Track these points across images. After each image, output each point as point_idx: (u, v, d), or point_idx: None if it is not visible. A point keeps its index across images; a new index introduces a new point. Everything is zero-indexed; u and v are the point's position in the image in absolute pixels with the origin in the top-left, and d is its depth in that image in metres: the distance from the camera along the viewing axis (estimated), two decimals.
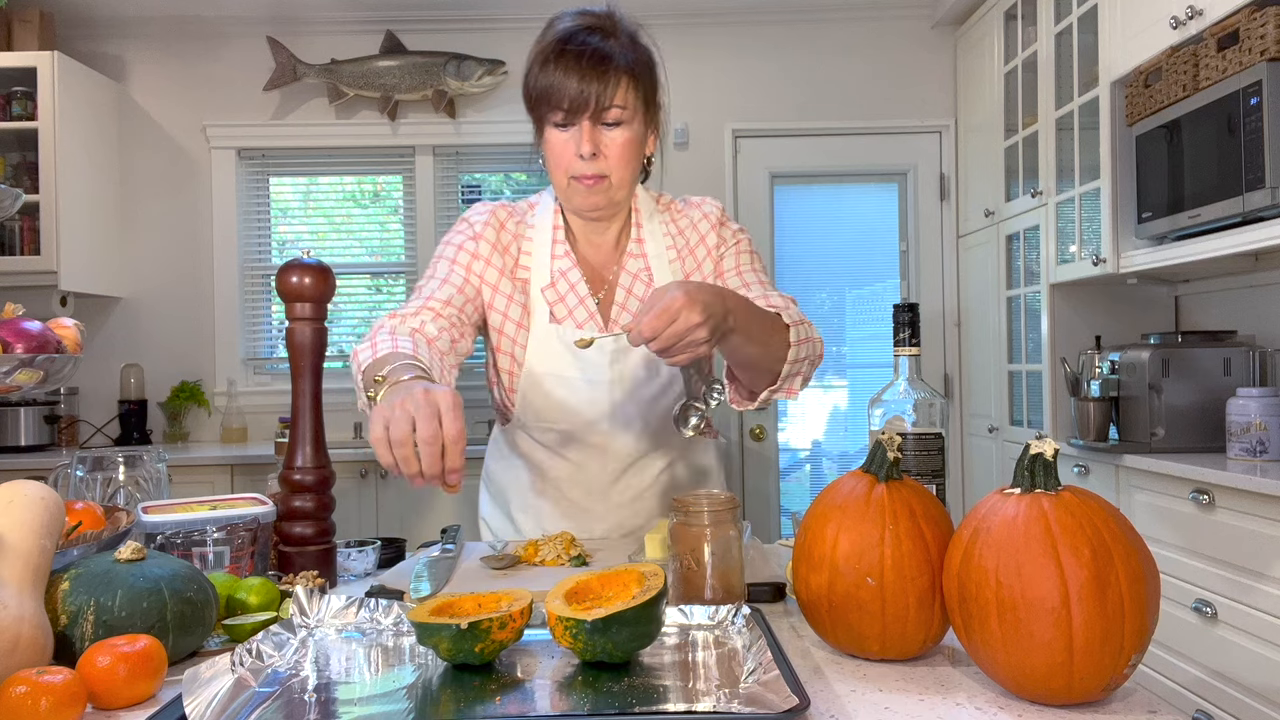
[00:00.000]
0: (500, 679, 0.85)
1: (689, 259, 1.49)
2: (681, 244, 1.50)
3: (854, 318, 4.31)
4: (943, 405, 1.17)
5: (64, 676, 0.78)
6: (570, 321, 1.45)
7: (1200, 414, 2.74)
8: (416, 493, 3.52)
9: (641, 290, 1.47)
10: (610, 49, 1.34)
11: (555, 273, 1.46)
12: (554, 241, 1.47)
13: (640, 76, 1.37)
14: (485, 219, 1.49)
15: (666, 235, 1.50)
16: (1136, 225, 2.88)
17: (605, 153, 1.37)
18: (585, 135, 1.35)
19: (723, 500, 1.07)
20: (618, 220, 1.49)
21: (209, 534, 1.15)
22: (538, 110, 1.39)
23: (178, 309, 4.16)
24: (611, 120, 1.35)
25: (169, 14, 4.12)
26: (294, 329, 1.28)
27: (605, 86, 1.33)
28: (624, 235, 1.50)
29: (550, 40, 1.37)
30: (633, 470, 1.52)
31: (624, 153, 1.37)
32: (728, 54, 4.22)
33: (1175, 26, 2.59)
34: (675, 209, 1.53)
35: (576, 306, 1.45)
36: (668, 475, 1.56)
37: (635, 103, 1.37)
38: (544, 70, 1.35)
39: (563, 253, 1.47)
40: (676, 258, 1.49)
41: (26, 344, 1.16)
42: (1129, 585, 0.78)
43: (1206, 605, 2.34)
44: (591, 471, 1.52)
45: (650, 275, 1.47)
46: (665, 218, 1.51)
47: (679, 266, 1.49)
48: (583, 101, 1.33)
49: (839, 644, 0.94)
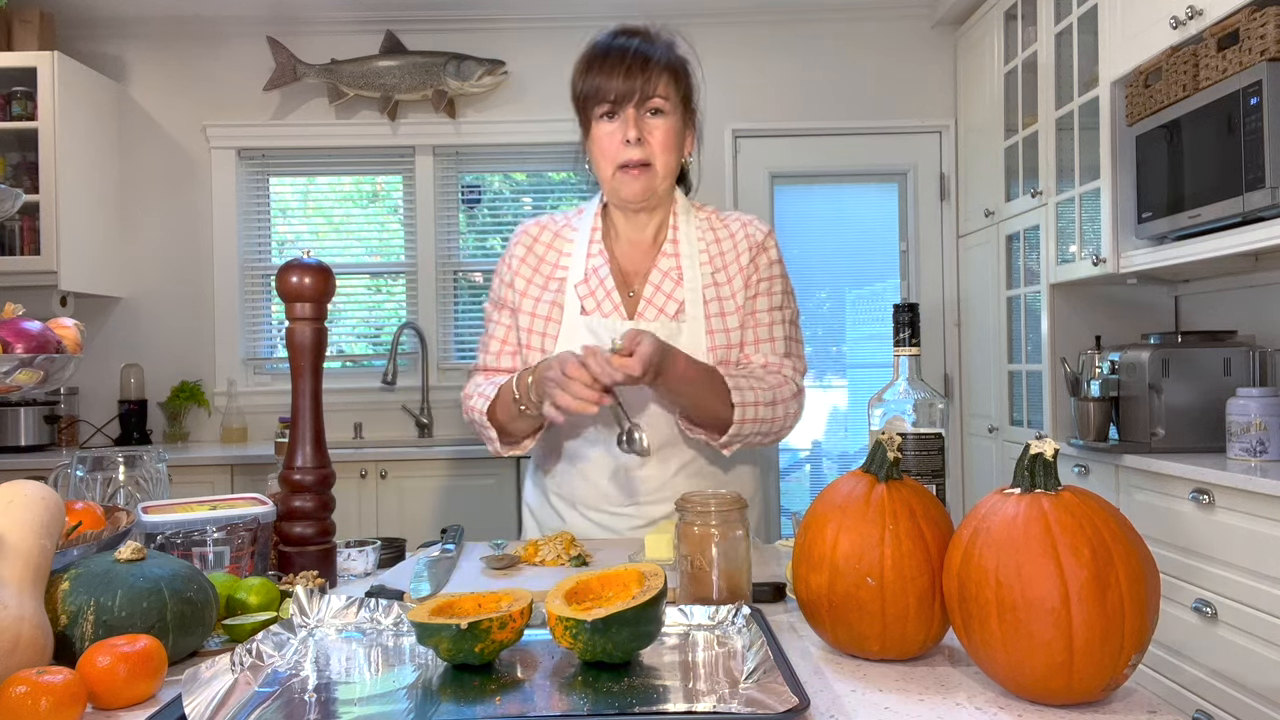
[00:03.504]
0: (500, 679, 0.86)
1: (720, 271, 1.56)
2: (715, 251, 1.57)
3: (854, 318, 4.31)
4: (943, 405, 1.17)
5: (64, 676, 0.78)
6: (598, 313, 1.54)
7: (1200, 414, 2.74)
8: (416, 493, 3.53)
9: (670, 287, 1.54)
10: (650, 50, 1.50)
11: (589, 270, 1.57)
12: (590, 241, 1.59)
13: (679, 74, 1.52)
14: (517, 239, 1.64)
15: (701, 240, 1.58)
16: (1136, 225, 2.88)
17: (649, 139, 1.49)
18: (631, 121, 1.48)
19: (730, 500, 1.07)
20: (656, 217, 1.58)
21: (209, 534, 1.15)
22: (586, 108, 1.52)
23: (178, 309, 4.16)
24: (654, 109, 1.49)
25: (169, 14, 4.11)
26: (294, 329, 1.28)
27: (648, 79, 1.47)
28: (661, 235, 1.59)
29: (594, 47, 1.52)
30: (655, 460, 1.54)
31: (666, 140, 1.50)
32: (728, 54, 4.22)
33: (1175, 26, 2.59)
34: (716, 219, 1.62)
35: (604, 299, 1.54)
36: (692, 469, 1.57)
37: (675, 97, 1.51)
38: (590, 72, 1.50)
39: (597, 251, 1.58)
40: (708, 262, 1.56)
41: (26, 344, 1.16)
42: (1129, 585, 0.78)
43: (1206, 605, 2.34)
44: (616, 459, 1.55)
45: (680, 274, 1.54)
46: (704, 225, 1.60)
47: (709, 270, 1.56)
48: (629, 90, 1.47)
49: (839, 644, 0.94)
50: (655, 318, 1.52)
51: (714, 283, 1.54)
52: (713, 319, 1.52)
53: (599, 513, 1.58)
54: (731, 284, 1.55)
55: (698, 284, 1.53)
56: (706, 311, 1.52)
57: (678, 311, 1.52)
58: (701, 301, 1.53)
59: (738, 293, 1.54)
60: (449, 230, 4.24)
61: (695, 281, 1.53)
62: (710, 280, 1.54)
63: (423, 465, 3.53)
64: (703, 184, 4.12)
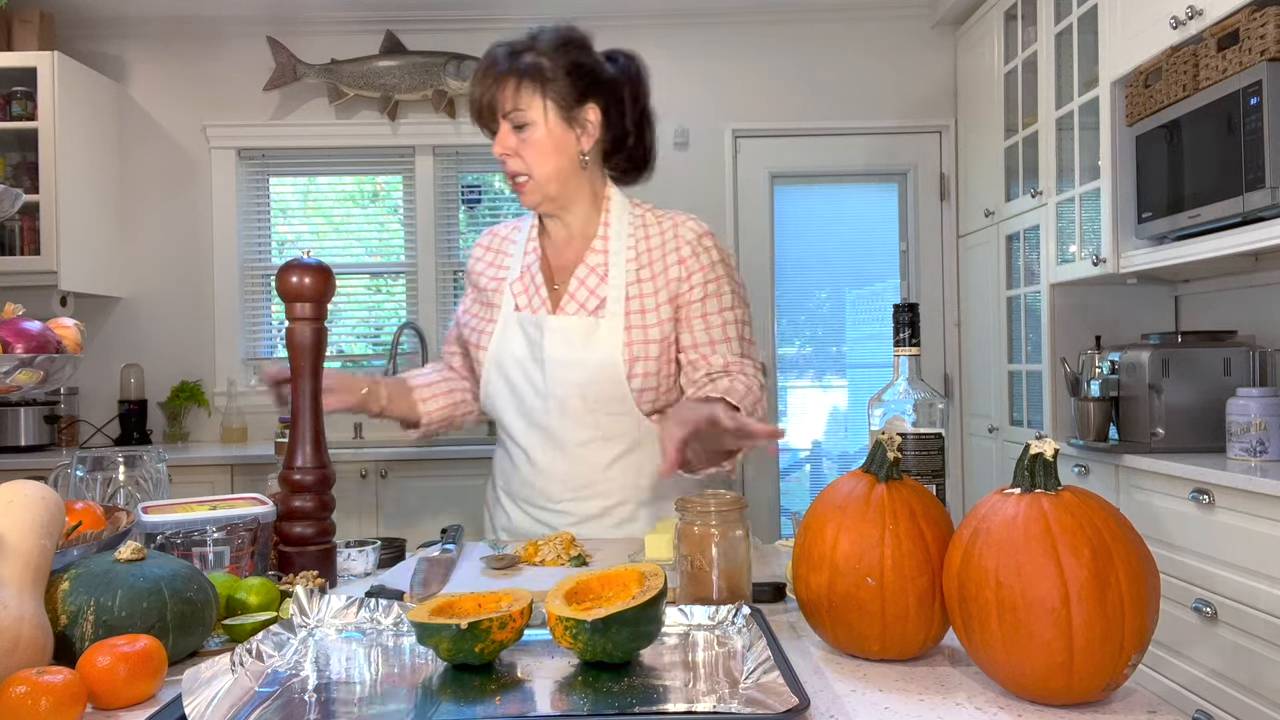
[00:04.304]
0: (500, 679, 0.85)
1: (645, 269, 1.57)
2: (643, 249, 1.58)
3: (854, 318, 4.31)
4: (943, 405, 1.17)
5: (64, 676, 0.78)
6: (528, 309, 1.58)
7: (1200, 414, 2.74)
8: (417, 493, 3.53)
9: (594, 283, 1.56)
10: (504, 60, 1.52)
11: (523, 268, 1.63)
12: (528, 240, 1.65)
13: (542, 81, 1.50)
14: (474, 249, 1.73)
15: (631, 237, 1.59)
16: (1136, 225, 2.88)
17: (520, 153, 1.52)
18: (497, 140, 1.53)
19: (730, 500, 1.07)
20: (576, 215, 1.60)
21: (209, 534, 1.15)
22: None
23: (178, 309, 4.16)
24: (517, 123, 1.51)
25: (169, 14, 4.11)
26: (294, 329, 1.28)
27: (501, 93, 1.51)
28: (591, 230, 1.61)
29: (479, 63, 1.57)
30: (579, 454, 1.56)
31: (536, 153, 1.51)
32: (728, 54, 4.22)
33: (1175, 26, 2.59)
34: (651, 216, 1.62)
35: (534, 295, 1.59)
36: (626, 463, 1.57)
37: (541, 105, 1.51)
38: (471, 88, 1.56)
39: (532, 249, 1.63)
40: (634, 259, 1.57)
41: (26, 344, 1.16)
42: (1129, 585, 0.78)
43: (1206, 605, 2.34)
44: (542, 453, 1.58)
45: (607, 270, 1.56)
46: (637, 222, 1.61)
47: (633, 268, 1.56)
48: (483, 107, 1.53)
49: (839, 644, 0.94)
50: (576, 312, 1.54)
51: (638, 279, 1.55)
52: (633, 315, 1.53)
53: (536, 508, 1.62)
54: (655, 281, 1.55)
55: (621, 281, 1.54)
56: (627, 309, 1.53)
57: (598, 307, 1.53)
58: (623, 299, 1.53)
59: (661, 290, 1.54)
60: (449, 230, 4.24)
61: (619, 278, 1.55)
62: (634, 278, 1.55)
63: (423, 465, 3.53)
64: (703, 184, 4.16)
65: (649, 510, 1.59)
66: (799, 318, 4.33)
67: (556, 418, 1.55)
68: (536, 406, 1.56)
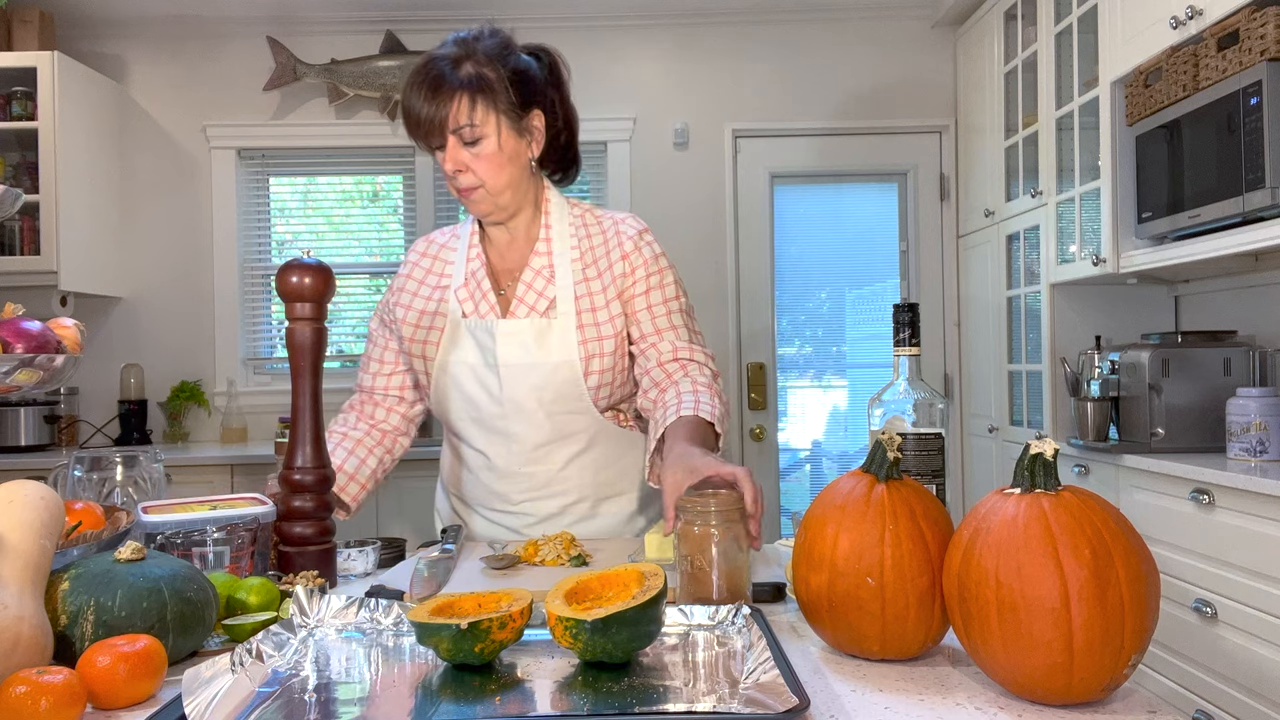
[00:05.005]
0: (500, 679, 0.85)
1: (591, 267, 1.57)
2: (586, 248, 1.58)
3: (854, 318, 4.31)
4: (943, 405, 1.17)
5: (64, 676, 0.77)
6: (476, 315, 1.56)
7: (1200, 414, 2.74)
8: (416, 493, 3.53)
9: (542, 285, 1.55)
10: (450, 75, 1.46)
11: (468, 274, 1.59)
12: (470, 246, 1.61)
13: (492, 95, 1.46)
14: (406, 258, 1.68)
15: (574, 237, 1.59)
16: (1136, 225, 2.88)
17: (472, 167, 1.48)
18: (447, 155, 1.48)
19: (730, 500, 1.07)
20: (520, 219, 1.59)
21: (209, 534, 1.15)
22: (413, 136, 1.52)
23: (178, 309, 4.16)
24: (470, 139, 1.47)
25: (169, 14, 4.11)
26: (294, 329, 1.28)
27: (450, 109, 1.45)
28: (534, 232, 1.60)
29: (411, 74, 1.50)
30: (538, 456, 1.56)
31: (487, 165, 1.48)
32: (727, 54, 4.22)
33: (1175, 26, 2.59)
34: (590, 216, 1.62)
35: (481, 300, 1.56)
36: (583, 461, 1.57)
37: (495, 120, 1.47)
38: (405, 103, 1.49)
39: (475, 255, 1.60)
40: (579, 259, 1.57)
41: (26, 344, 1.16)
42: (1129, 585, 0.78)
43: (1206, 605, 2.34)
44: (500, 458, 1.57)
45: (552, 272, 1.56)
46: (578, 222, 1.61)
47: (579, 267, 1.57)
48: (429, 126, 1.46)
49: (839, 644, 0.94)
50: (526, 315, 1.53)
51: (585, 278, 1.56)
52: (584, 314, 1.53)
53: (494, 511, 1.61)
54: (602, 279, 1.56)
55: (569, 281, 1.55)
56: (578, 308, 1.54)
57: (548, 308, 1.53)
58: (573, 298, 1.54)
59: (609, 288, 1.55)
60: None
61: (567, 279, 1.55)
62: (581, 277, 1.56)
63: (423, 465, 3.53)
64: (703, 184, 4.16)
65: (607, 505, 1.60)
66: (799, 318, 4.33)
67: (514, 422, 1.54)
68: (493, 412, 1.54)
